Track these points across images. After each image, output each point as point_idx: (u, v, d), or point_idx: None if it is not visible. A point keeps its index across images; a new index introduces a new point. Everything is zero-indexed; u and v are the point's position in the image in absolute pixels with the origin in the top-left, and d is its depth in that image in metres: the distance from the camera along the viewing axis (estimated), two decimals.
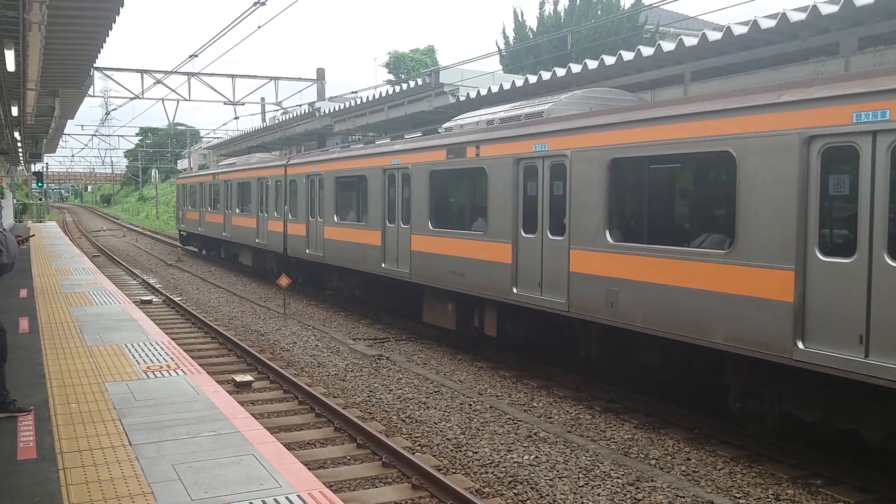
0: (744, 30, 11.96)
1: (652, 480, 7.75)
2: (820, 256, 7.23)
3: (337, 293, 19.62)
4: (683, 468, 8.23)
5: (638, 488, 7.57)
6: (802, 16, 11.12)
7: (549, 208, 10.91)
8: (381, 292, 17.12)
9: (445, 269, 13.18)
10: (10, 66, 13.60)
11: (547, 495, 7.42)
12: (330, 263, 18.37)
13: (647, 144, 9.25)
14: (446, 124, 14.71)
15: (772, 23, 11.58)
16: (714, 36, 12.55)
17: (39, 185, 54.63)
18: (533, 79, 16.90)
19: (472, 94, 19.19)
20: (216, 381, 8.77)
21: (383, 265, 15.30)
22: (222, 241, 29.22)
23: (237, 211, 25.91)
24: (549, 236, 10.86)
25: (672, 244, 8.96)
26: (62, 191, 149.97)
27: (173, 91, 30.71)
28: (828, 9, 10.80)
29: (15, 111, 20.57)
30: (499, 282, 11.83)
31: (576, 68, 15.60)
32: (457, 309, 13.34)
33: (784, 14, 11.34)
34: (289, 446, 7.69)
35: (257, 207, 23.59)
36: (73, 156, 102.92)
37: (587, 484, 7.70)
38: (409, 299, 15.74)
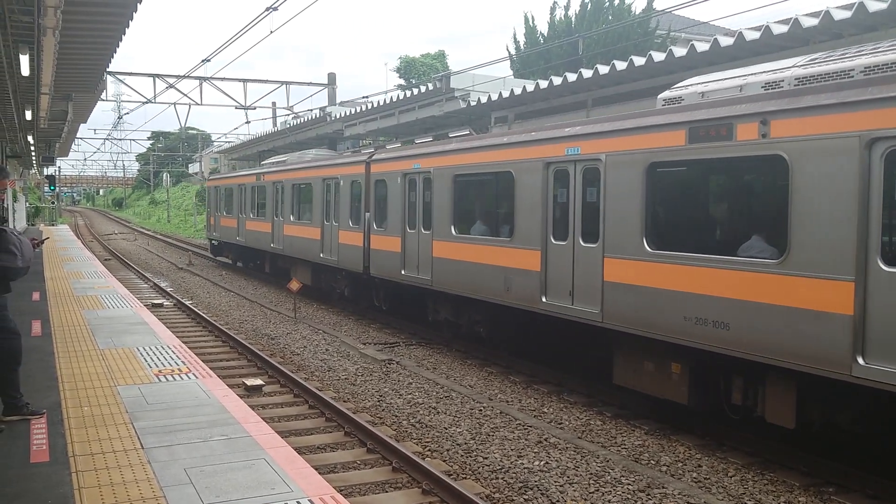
0: (756, 35, 11.95)
1: (663, 487, 7.72)
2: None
3: (447, 328, 14.88)
4: (694, 475, 8.19)
5: (649, 495, 7.55)
6: (815, 21, 11.10)
7: None
8: (527, 335, 12.91)
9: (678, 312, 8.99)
10: (25, 70, 13.71)
11: (557, 501, 7.40)
12: (440, 290, 14.00)
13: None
14: (670, 93, 10.03)
15: (784, 28, 11.57)
16: (726, 41, 12.55)
17: (52, 188, 54.99)
18: (544, 84, 16.91)
19: (483, 99, 19.22)
20: (227, 385, 8.79)
21: (545, 299, 11.10)
22: (268, 254, 25.03)
23: (291, 219, 21.82)
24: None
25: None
26: (74, 194, 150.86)
27: (185, 95, 30.91)
28: (840, 14, 10.78)
29: (29, 115, 20.73)
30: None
31: (587, 74, 15.60)
32: (690, 374, 9.25)
33: (796, 20, 11.33)
34: (299, 450, 7.70)
35: (322, 215, 19.50)
36: (85, 159, 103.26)
37: (598, 490, 7.68)
38: (588, 352, 11.64)
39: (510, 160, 12.06)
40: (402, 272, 15.19)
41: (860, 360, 6.89)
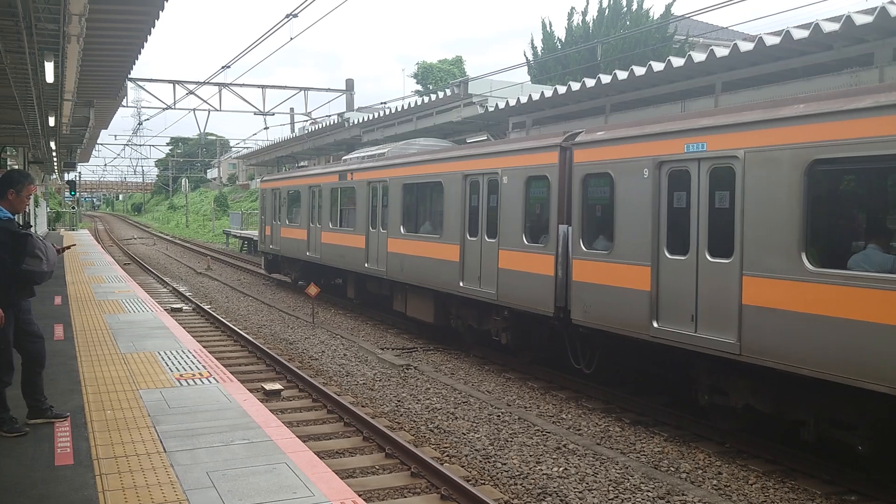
0: (776, 40, 11.91)
1: (683, 494, 7.69)
2: None
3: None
4: (714, 482, 8.15)
5: (669, 502, 7.52)
6: (836, 26, 11.04)
7: None
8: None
9: None
10: (49, 77, 13.87)
11: None
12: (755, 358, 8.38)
13: None
14: None
15: (805, 33, 11.51)
16: (746, 46, 12.50)
17: (73, 193, 55.52)
18: (562, 90, 16.91)
19: (501, 105, 19.24)
20: (247, 389, 8.84)
21: (657, 324, 9.39)
22: (354, 275, 19.48)
23: (402, 231, 16.11)
24: None
25: None
26: (94, 199, 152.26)
27: (204, 101, 31.16)
28: (862, 19, 10.72)
29: (52, 121, 20.95)
30: None
31: (605, 79, 15.59)
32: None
33: (817, 25, 11.27)
34: (318, 455, 7.73)
35: (462, 226, 13.75)
36: (105, 165, 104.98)
37: (617, 497, 7.66)
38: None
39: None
40: (656, 325, 9.42)
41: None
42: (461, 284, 13.63)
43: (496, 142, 16.15)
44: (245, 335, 15.85)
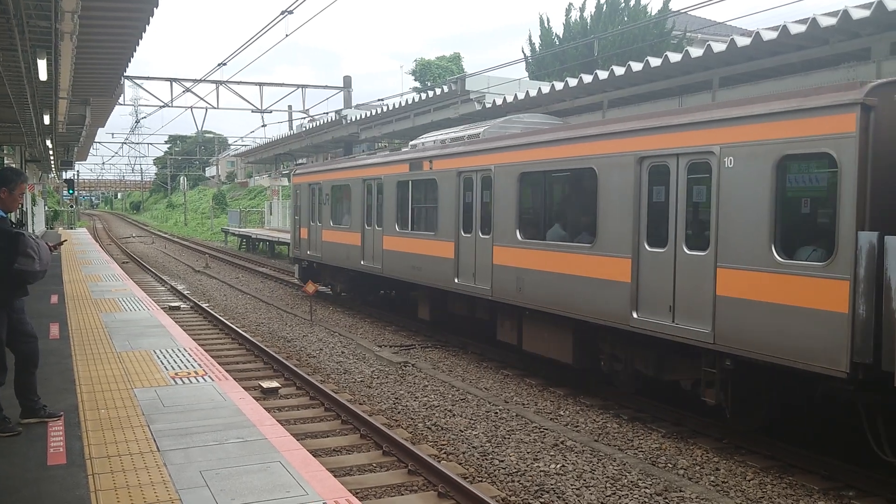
0: (773, 35, 11.86)
1: (680, 490, 7.65)
2: None
3: None
4: (712, 478, 8.12)
5: (666, 498, 7.49)
6: (833, 21, 10.99)
7: None
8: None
9: None
10: (43, 75, 13.81)
11: None
12: None
13: None
14: None
15: (802, 28, 11.46)
16: (743, 41, 12.45)
17: (70, 192, 55.42)
18: (559, 86, 16.86)
19: (499, 102, 19.20)
20: (243, 388, 8.81)
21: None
22: (430, 292, 15.40)
23: (518, 237, 12.00)
24: None
25: None
26: (93, 198, 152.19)
27: (202, 99, 31.12)
28: (859, 13, 10.68)
29: (47, 119, 20.91)
30: None
31: (602, 75, 15.54)
32: None
33: (814, 19, 11.22)
34: (315, 453, 7.70)
35: (636, 235, 9.66)
36: (103, 163, 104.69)
37: (615, 494, 7.63)
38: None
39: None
40: None
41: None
42: (635, 316, 9.54)
43: (703, 106, 9.94)
44: (243, 333, 15.81)
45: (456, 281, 13.79)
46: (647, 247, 9.51)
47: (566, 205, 11.87)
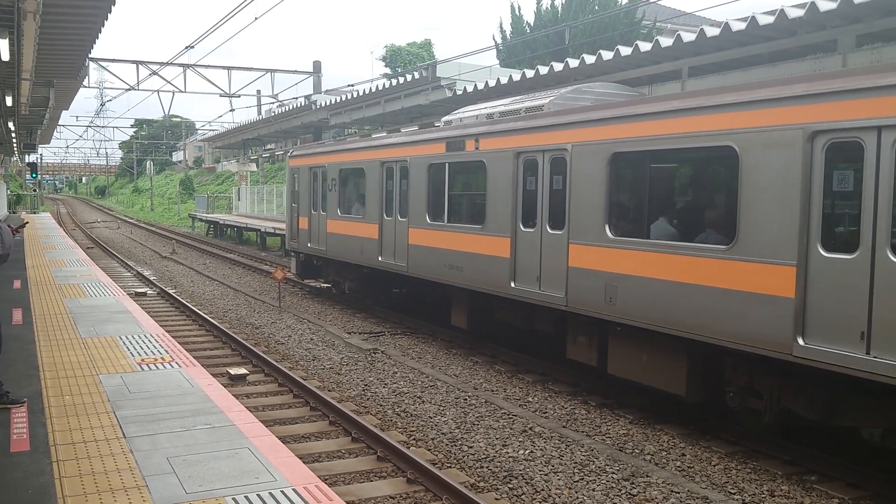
0: (742, 26, 11.97)
1: (647, 476, 7.75)
2: None
3: None
4: (678, 464, 8.23)
5: (633, 483, 7.57)
6: (801, 12, 11.12)
7: None
8: None
9: None
10: (5, 55, 13.50)
11: (542, 490, 7.41)
12: None
13: None
14: None
15: (770, 19, 11.58)
16: (712, 32, 12.56)
17: (34, 176, 54.41)
18: (530, 73, 16.88)
19: (469, 88, 19.17)
20: (211, 374, 8.74)
21: None
22: (470, 295, 12.99)
23: (608, 233, 9.67)
24: None
25: None
26: (57, 182, 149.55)
27: (169, 82, 30.67)
28: (826, 6, 10.81)
29: (9, 101, 20.46)
30: None
31: (573, 63, 15.58)
32: None
33: (782, 10, 11.34)
34: (284, 440, 7.66)
35: (803, 233, 7.23)
36: (67, 147, 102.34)
37: (582, 479, 7.70)
38: None
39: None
40: None
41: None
42: (801, 342, 7.24)
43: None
44: (210, 319, 15.68)
45: (512, 285, 11.42)
46: (821, 251, 7.11)
47: (685, 193, 9.61)
